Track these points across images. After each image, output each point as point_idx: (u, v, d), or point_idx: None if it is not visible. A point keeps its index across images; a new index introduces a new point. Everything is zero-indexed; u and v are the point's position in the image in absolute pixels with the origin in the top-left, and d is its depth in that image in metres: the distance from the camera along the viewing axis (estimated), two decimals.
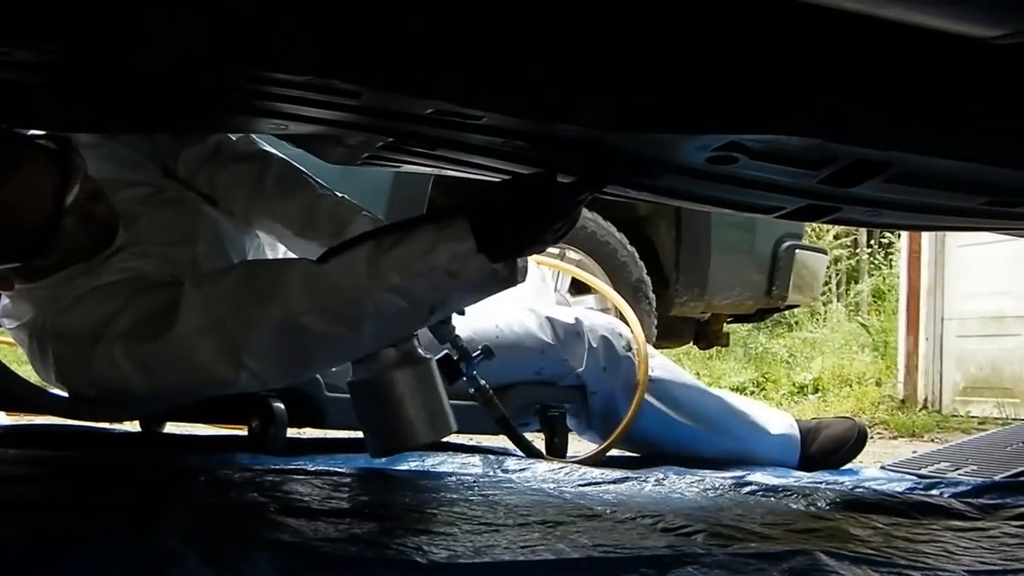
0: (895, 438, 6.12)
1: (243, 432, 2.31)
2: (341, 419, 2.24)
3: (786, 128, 1.44)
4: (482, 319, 2.40)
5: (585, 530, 1.36)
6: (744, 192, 1.70)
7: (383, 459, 2.05)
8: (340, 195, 2.16)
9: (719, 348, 6.27)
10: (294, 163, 2.17)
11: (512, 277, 1.75)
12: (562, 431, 2.55)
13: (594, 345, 2.55)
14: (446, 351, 2.07)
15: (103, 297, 1.89)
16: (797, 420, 2.77)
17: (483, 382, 2.15)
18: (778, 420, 2.72)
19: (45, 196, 1.82)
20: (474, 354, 2.10)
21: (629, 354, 2.57)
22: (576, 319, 2.57)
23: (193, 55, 1.30)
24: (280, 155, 2.18)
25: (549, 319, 2.54)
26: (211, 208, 2.09)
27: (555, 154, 1.62)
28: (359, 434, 2.44)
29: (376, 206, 3.95)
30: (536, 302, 2.65)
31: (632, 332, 2.61)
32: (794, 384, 9.03)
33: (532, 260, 2.99)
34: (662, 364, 2.65)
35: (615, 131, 1.45)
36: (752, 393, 8.49)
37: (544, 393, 2.54)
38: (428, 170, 1.89)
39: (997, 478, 2.33)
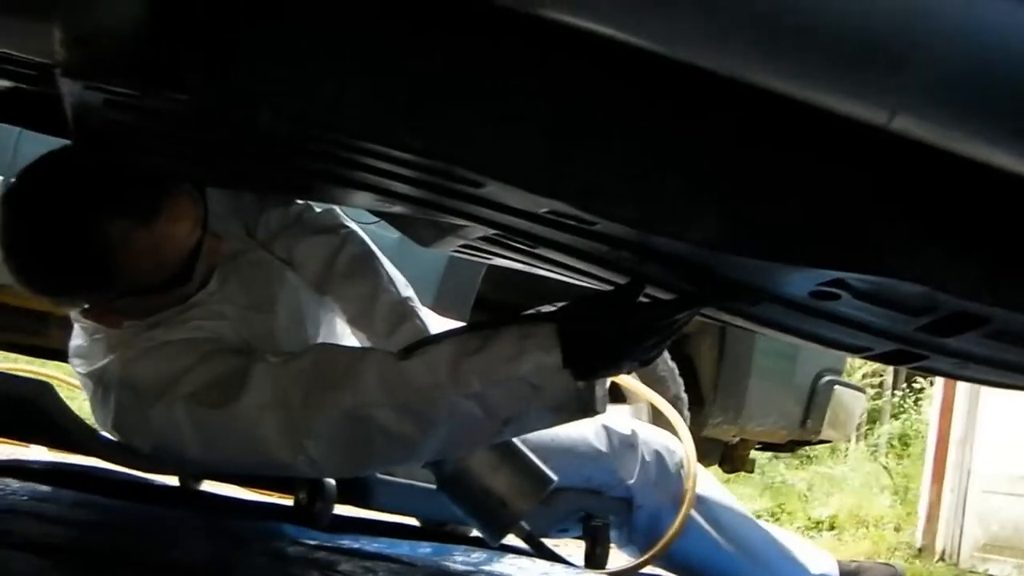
0: None
1: (285, 501, 2.29)
2: (388, 502, 2.22)
3: (896, 272, 1.43)
4: None
5: None
6: (837, 329, 1.69)
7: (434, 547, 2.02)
8: (404, 295, 2.15)
9: (740, 473, 6.22)
10: (371, 246, 2.18)
11: (591, 404, 1.69)
12: (604, 542, 2.50)
13: (647, 459, 2.52)
14: None
15: (175, 353, 1.88)
16: (837, 560, 2.73)
17: None
18: (819, 559, 2.68)
19: (192, 233, 1.86)
20: None
21: (681, 472, 2.53)
22: (632, 431, 2.55)
23: (315, 125, 1.31)
24: (361, 235, 2.19)
25: (605, 427, 2.51)
26: (293, 275, 2.10)
27: (658, 269, 1.61)
28: (401, 518, 2.43)
29: (427, 289, 3.98)
30: None
31: (684, 448, 2.59)
32: (810, 518, 8.94)
33: None
34: (710, 483, 2.62)
35: (724, 253, 1.44)
36: (773, 526, 8.38)
37: (590, 502, 2.50)
38: (520, 266, 1.90)
39: None
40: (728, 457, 5.25)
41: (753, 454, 5.46)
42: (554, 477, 1.92)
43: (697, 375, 4.74)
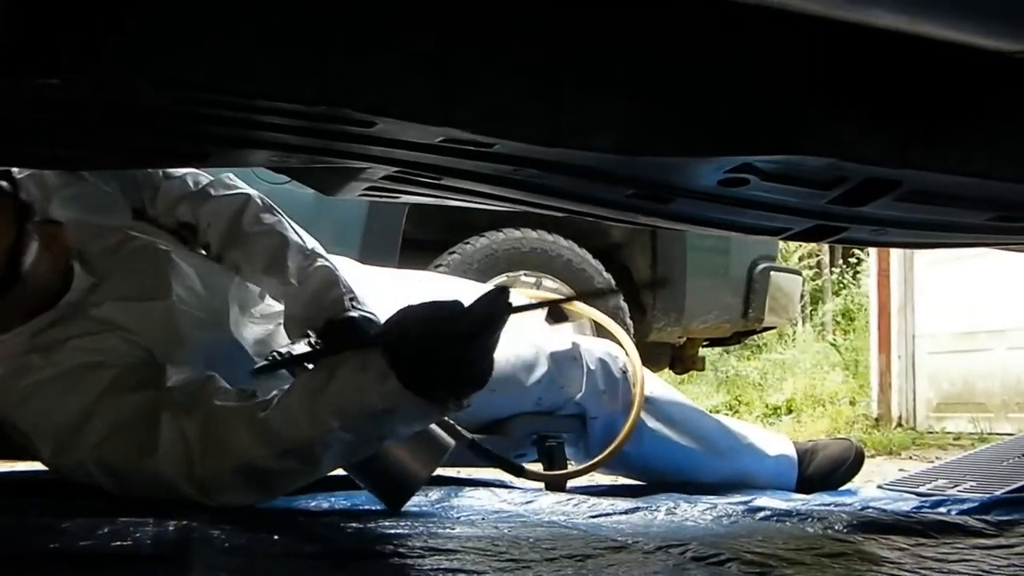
0: (872, 456, 6.13)
1: None
2: None
3: (799, 148, 1.43)
4: None
5: (618, 563, 1.34)
6: (752, 214, 1.69)
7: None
8: (310, 245, 2.12)
9: (693, 372, 6.28)
10: (269, 201, 2.14)
11: (451, 405, 1.67)
12: (560, 460, 2.50)
13: (592, 368, 2.51)
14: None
15: (65, 390, 1.83)
16: (793, 442, 2.77)
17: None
18: (775, 442, 2.71)
19: (6, 231, 1.80)
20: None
21: (627, 377, 2.54)
22: (573, 344, 2.54)
23: (200, 89, 1.27)
24: (257, 193, 2.15)
25: (542, 345, 2.51)
26: (183, 250, 2.07)
27: (564, 181, 1.60)
28: None
29: (351, 239, 3.95)
30: (529, 328, 2.62)
31: (627, 353, 2.59)
32: (767, 406, 9.07)
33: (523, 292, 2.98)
34: (658, 384, 2.63)
35: (629, 156, 1.43)
36: (726, 416, 8.50)
37: (542, 423, 2.50)
38: (430, 200, 1.87)
39: (999, 493, 2.33)
40: (677, 358, 5.29)
41: (702, 351, 5.50)
42: (451, 442, 1.91)
43: (634, 282, 4.75)
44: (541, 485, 2.41)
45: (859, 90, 1.42)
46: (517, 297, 1.88)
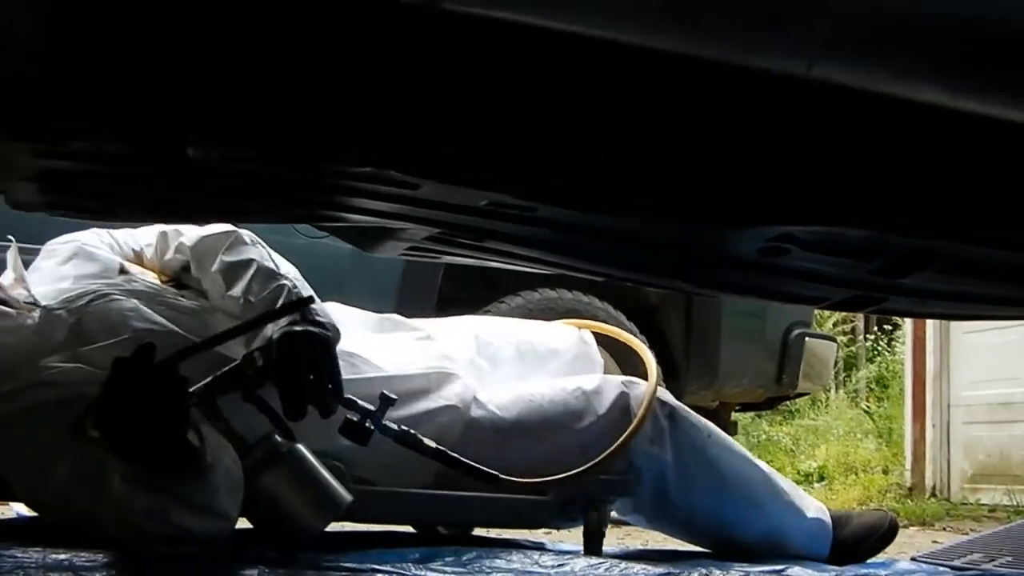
0: (906, 526, 6.06)
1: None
2: (380, 511, 2.20)
3: (839, 220, 1.43)
4: (519, 391, 2.38)
5: None
6: (791, 283, 1.69)
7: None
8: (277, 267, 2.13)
9: None
10: (255, 237, 2.17)
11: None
12: (605, 519, 2.40)
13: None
14: (346, 417, 2.01)
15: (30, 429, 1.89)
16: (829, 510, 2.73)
17: (397, 427, 2.07)
18: (812, 504, 2.67)
19: None
20: (374, 408, 2.03)
21: (674, 418, 2.46)
22: (622, 391, 2.44)
23: (247, 149, 1.30)
24: (246, 232, 2.18)
25: (590, 392, 2.43)
26: (170, 298, 2.12)
27: (606, 245, 1.61)
28: (389, 527, 2.41)
29: (387, 294, 3.97)
30: (576, 369, 2.60)
31: (648, 365, 2.56)
32: (799, 472, 8.99)
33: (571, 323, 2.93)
34: (711, 428, 2.57)
35: (669, 222, 1.44)
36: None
37: (592, 486, 2.35)
38: (471, 261, 1.89)
39: None
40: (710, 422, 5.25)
41: (735, 416, 5.48)
42: (348, 498, 1.91)
43: (668, 345, 4.74)
44: (579, 548, 2.36)
45: (901, 162, 1.43)
46: None
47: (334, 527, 2.12)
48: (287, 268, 2.13)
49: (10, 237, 2.16)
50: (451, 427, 2.25)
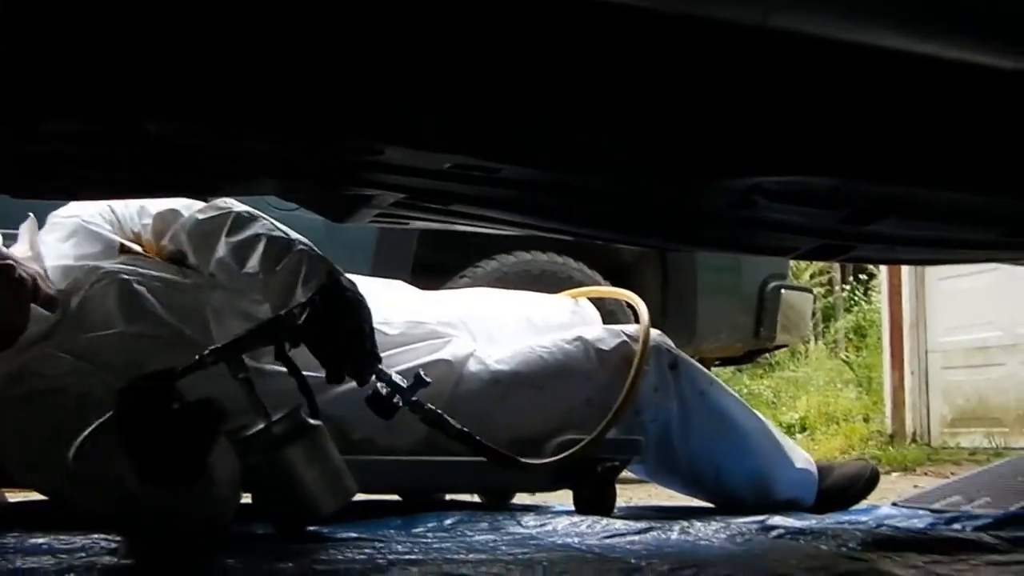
0: (888, 473, 6.11)
1: None
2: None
3: (805, 169, 1.43)
4: (520, 346, 2.36)
5: None
6: (760, 234, 1.70)
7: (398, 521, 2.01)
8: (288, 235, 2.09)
9: None
10: (254, 211, 2.14)
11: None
12: (611, 483, 2.35)
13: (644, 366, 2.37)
14: (375, 390, 1.96)
15: (29, 416, 1.89)
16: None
17: (427, 405, 2.02)
18: (800, 455, 2.68)
19: None
20: (407, 384, 1.97)
21: (677, 367, 2.45)
22: (623, 339, 2.41)
23: (211, 123, 1.29)
24: (243, 208, 2.15)
25: (591, 341, 2.41)
26: (163, 277, 2.10)
27: (573, 204, 1.61)
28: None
29: (362, 262, 3.95)
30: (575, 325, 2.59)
31: (640, 312, 2.52)
32: (780, 424, 9.03)
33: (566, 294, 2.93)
34: (710, 377, 2.57)
35: (637, 179, 1.44)
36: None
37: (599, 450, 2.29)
38: (440, 225, 1.88)
39: (1013, 509, 2.32)
40: None
41: (714, 370, 5.49)
42: (356, 487, 1.87)
43: (645, 303, 4.74)
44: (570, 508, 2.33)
45: (865, 111, 1.43)
46: None
47: None
48: (295, 234, 2.08)
49: (28, 213, 2.15)
50: (444, 381, 2.21)
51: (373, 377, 1.91)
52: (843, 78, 1.37)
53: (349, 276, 1.94)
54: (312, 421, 1.82)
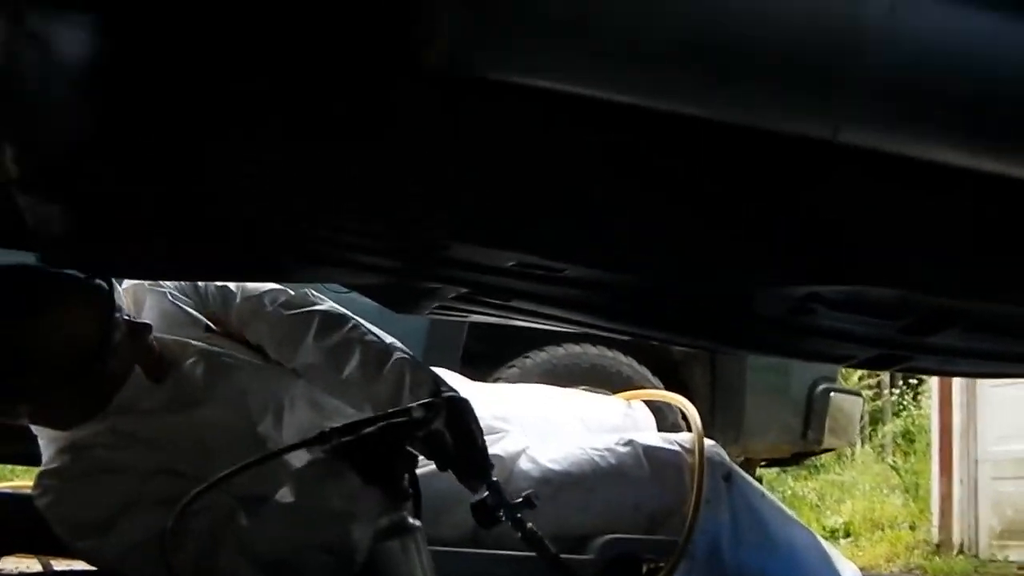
0: None
1: None
2: None
3: (866, 279, 1.44)
4: (572, 446, 2.36)
5: None
6: (817, 341, 1.69)
7: None
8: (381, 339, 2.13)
9: None
10: (342, 310, 2.16)
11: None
12: None
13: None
14: (482, 498, 1.95)
15: (91, 489, 1.92)
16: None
17: (529, 525, 1.99)
18: (847, 566, 2.65)
19: (90, 325, 1.90)
20: (515, 501, 1.96)
21: (732, 479, 2.45)
22: (675, 448, 2.44)
23: (286, 206, 1.31)
24: (329, 306, 2.17)
25: (643, 446, 2.42)
26: (248, 361, 2.11)
27: (635, 306, 1.62)
28: None
29: (412, 350, 3.96)
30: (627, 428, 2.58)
31: (692, 420, 2.55)
32: (824, 528, 8.90)
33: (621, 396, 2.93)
34: (755, 488, 2.56)
35: (695, 283, 1.45)
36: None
37: (636, 544, 2.34)
38: (498, 320, 1.90)
39: None
40: None
41: (760, 471, 5.44)
42: None
43: (693, 401, 4.71)
44: None
45: (927, 222, 1.43)
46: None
47: None
48: (388, 337, 2.12)
49: None
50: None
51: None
52: (907, 189, 1.38)
53: None
54: (413, 521, 1.81)
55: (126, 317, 1.97)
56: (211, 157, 1.22)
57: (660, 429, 3.32)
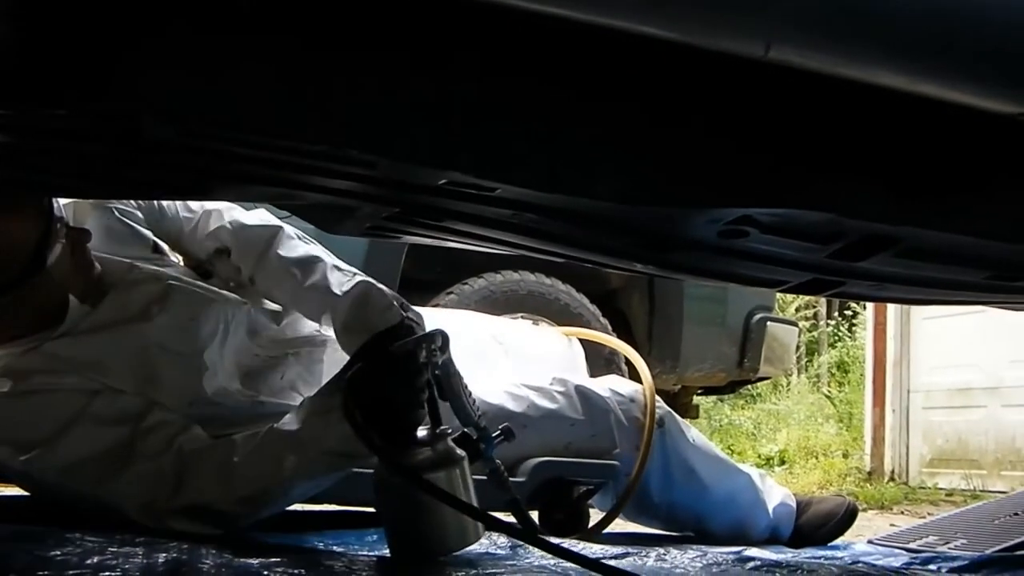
0: (865, 510, 6.10)
1: None
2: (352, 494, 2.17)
3: (799, 202, 1.43)
4: (506, 383, 2.37)
5: None
6: (750, 265, 1.69)
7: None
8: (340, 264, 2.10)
9: (687, 420, 6.24)
10: (302, 232, 2.14)
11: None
12: (584, 509, 2.42)
13: (624, 423, 2.43)
14: (465, 430, 1.92)
15: (37, 406, 1.88)
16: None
17: (498, 463, 2.01)
18: (779, 492, 2.69)
19: (36, 223, 1.86)
20: (494, 434, 1.95)
21: (661, 428, 2.47)
22: (610, 393, 2.46)
23: (203, 125, 1.28)
24: (290, 227, 2.15)
25: (579, 390, 2.44)
26: (198, 285, 2.08)
27: (562, 226, 1.60)
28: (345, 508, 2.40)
29: None
30: (565, 370, 2.59)
31: (642, 374, 2.56)
32: (760, 456, 9.04)
33: (558, 330, 2.95)
34: (683, 427, 2.59)
35: (628, 205, 1.44)
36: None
37: (569, 468, 2.36)
38: (431, 241, 1.88)
39: (989, 552, 2.32)
40: (672, 406, 5.25)
41: (697, 399, 5.50)
42: (482, 533, 1.82)
43: (631, 328, 4.75)
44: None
45: (860, 147, 1.43)
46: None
47: (297, 507, 2.11)
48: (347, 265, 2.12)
49: None
50: None
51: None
52: (841, 114, 1.37)
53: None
54: (459, 453, 1.80)
55: (66, 223, 1.92)
56: (125, 68, 1.19)
57: (596, 363, 3.37)
